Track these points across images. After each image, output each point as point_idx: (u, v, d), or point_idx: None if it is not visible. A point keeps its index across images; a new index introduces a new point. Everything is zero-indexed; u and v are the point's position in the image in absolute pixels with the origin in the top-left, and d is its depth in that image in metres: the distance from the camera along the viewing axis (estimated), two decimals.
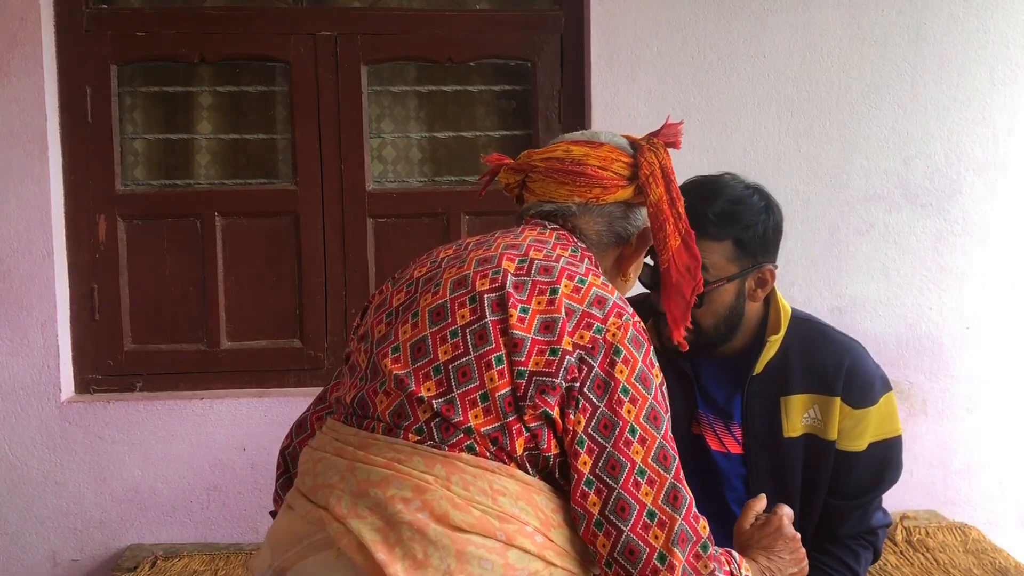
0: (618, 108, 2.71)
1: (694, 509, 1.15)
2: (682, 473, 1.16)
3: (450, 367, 1.15)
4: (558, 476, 1.16)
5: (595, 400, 1.13)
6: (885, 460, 1.66)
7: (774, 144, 2.77)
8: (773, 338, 1.63)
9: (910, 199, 2.82)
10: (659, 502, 1.12)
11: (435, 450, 1.12)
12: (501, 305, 1.16)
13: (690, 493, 1.16)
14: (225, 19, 2.74)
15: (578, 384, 1.13)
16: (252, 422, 2.68)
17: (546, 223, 1.31)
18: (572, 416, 1.12)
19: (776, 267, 1.63)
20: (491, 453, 1.13)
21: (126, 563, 2.54)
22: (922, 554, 2.51)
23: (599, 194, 1.29)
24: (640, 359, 1.16)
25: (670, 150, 1.38)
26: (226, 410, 2.68)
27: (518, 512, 1.11)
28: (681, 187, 1.60)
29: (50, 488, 2.65)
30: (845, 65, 2.77)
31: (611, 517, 1.11)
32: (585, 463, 1.11)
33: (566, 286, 1.17)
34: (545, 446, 1.13)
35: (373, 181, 2.82)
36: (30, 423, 2.63)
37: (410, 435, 1.15)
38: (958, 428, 2.90)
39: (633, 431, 1.12)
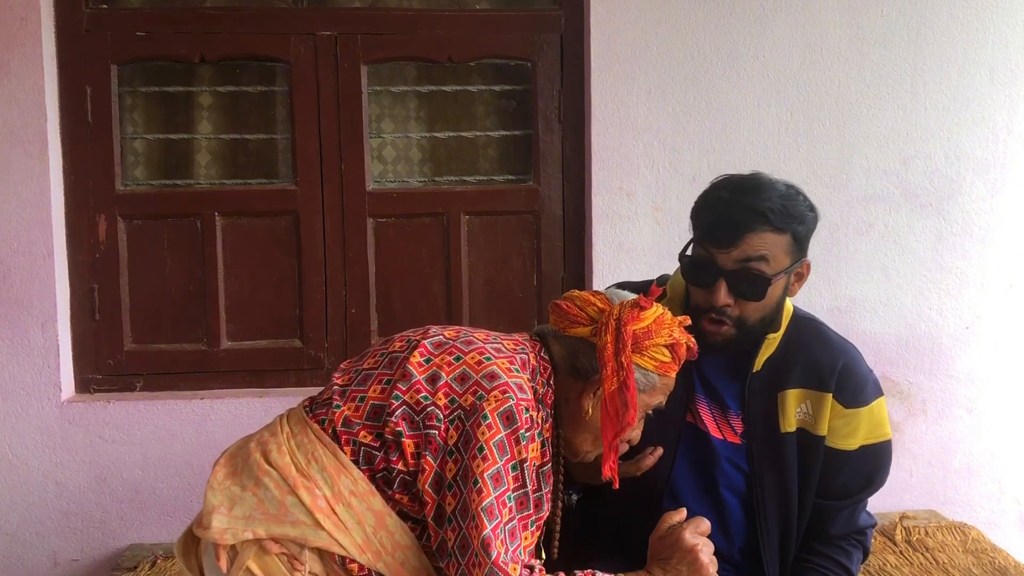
0: (618, 108, 2.72)
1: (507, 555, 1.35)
2: (505, 531, 1.34)
3: (362, 373, 1.48)
4: (382, 470, 1.41)
5: (462, 454, 1.37)
6: (875, 463, 1.69)
7: (774, 144, 2.77)
8: (772, 336, 1.65)
9: (910, 199, 2.83)
10: (478, 545, 1.34)
11: (307, 415, 1.48)
12: (413, 349, 1.46)
13: (502, 547, 1.33)
14: (225, 19, 2.74)
15: (453, 441, 1.37)
16: (252, 422, 2.66)
17: (534, 336, 1.57)
18: (433, 460, 1.37)
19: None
20: (334, 431, 1.42)
21: (126, 563, 2.54)
22: (922, 554, 2.52)
23: (565, 326, 1.53)
24: (504, 432, 1.36)
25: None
26: (226, 410, 2.68)
27: (317, 477, 1.40)
28: (720, 183, 1.66)
29: (50, 488, 2.65)
30: (845, 65, 2.77)
31: (456, 552, 1.36)
32: (450, 504, 1.37)
33: (472, 358, 1.43)
34: (383, 455, 1.40)
35: (373, 181, 2.82)
36: (30, 423, 2.63)
37: (308, 403, 1.52)
38: (958, 428, 2.90)
39: (476, 481, 1.34)
